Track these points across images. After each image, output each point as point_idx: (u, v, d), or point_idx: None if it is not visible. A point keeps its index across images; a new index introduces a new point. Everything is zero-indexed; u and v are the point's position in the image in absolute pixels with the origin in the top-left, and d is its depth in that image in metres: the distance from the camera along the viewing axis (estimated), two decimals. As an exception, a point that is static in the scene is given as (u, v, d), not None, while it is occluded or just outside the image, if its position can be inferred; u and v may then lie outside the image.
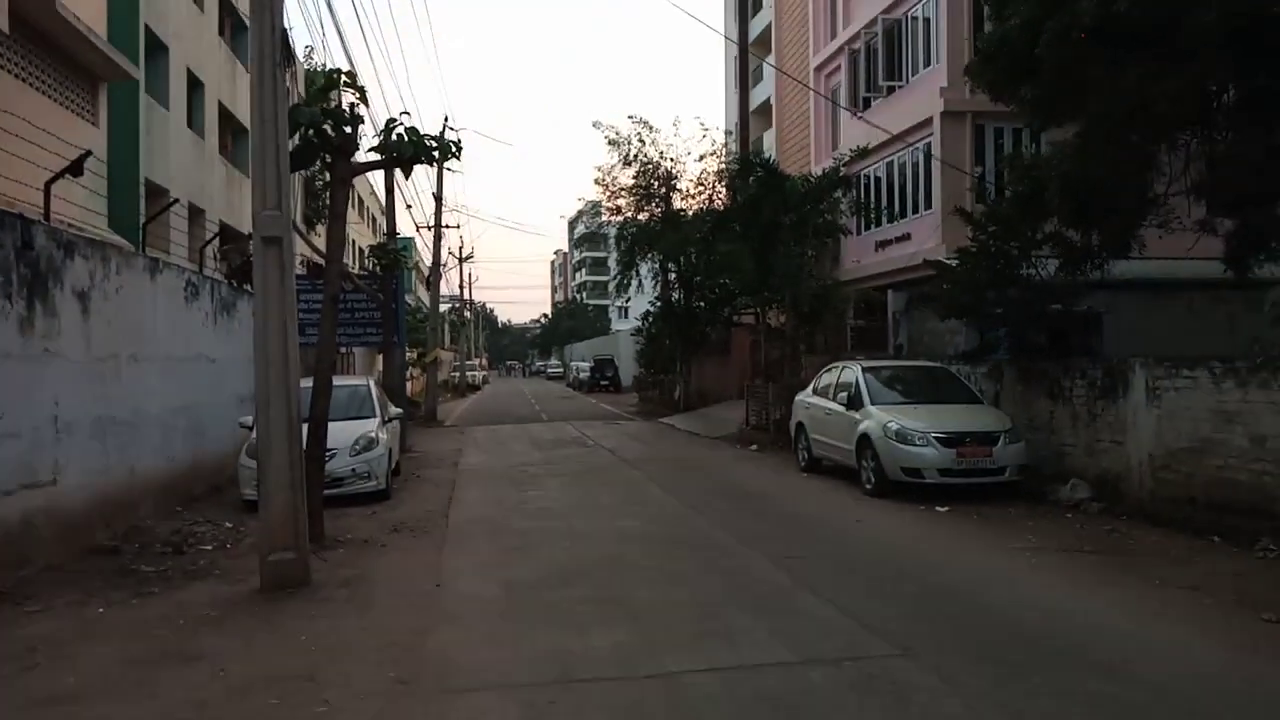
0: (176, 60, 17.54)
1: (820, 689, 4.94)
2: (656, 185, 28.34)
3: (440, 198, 31.52)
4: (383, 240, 25.41)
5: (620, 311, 64.78)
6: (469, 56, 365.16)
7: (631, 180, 28.61)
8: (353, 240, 35.71)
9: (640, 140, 27.96)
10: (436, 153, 9.49)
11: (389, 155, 9.47)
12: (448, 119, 31.48)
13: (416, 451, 18.28)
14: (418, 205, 60.91)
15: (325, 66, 25.14)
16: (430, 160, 9.65)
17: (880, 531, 9.54)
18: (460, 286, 56.71)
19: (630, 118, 31.40)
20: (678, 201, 28.75)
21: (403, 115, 9.30)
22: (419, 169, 23.55)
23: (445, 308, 49.97)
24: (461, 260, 50.30)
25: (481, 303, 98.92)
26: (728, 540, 9.09)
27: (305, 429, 7.89)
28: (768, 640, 5.77)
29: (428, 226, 32.18)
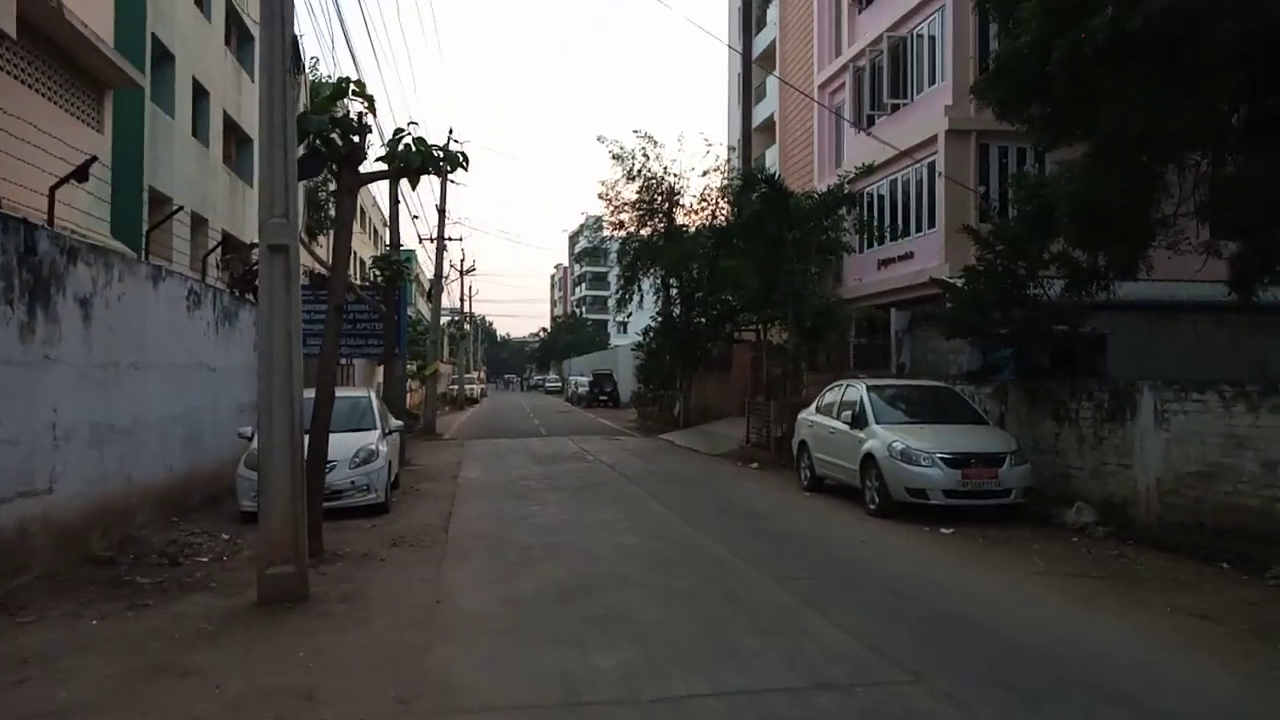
0: (182, 69, 17.54)
1: (830, 716, 4.83)
2: (660, 200, 28.37)
3: (443, 210, 31.58)
4: (385, 251, 25.37)
5: (620, 327, 64.70)
6: (469, 65, 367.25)
7: (635, 195, 28.64)
8: (354, 251, 35.67)
9: (645, 155, 28.02)
10: (444, 164, 9.44)
11: (397, 165, 9.42)
12: (451, 131, 31.48)
13: (416, 465, 18.15)
14: (422, 217, 61.00)
15: (331, 77, 25.17)
16: (438, 171, 9.57)
17: (885, 552, 9.43)
18: (460, 299, 56.72)
19: (635, 132, 31.47)
20: (681, 217, 28.77)
21: (411, 125, 9.27)
22: (420, 182, 23.44)
23: (445, 320, 49.89)
24: (463, 273, 50.32)
25: (480, 315, 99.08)
26: (730, 559, 8.97)
27: (306, 440, 7.80)
28: (774, 663, 5.65)
29: (430, 239, 32.21)
